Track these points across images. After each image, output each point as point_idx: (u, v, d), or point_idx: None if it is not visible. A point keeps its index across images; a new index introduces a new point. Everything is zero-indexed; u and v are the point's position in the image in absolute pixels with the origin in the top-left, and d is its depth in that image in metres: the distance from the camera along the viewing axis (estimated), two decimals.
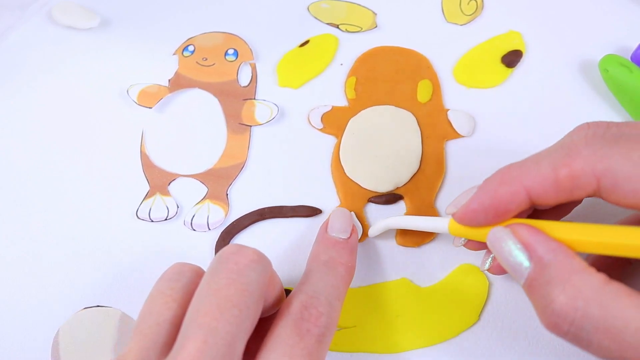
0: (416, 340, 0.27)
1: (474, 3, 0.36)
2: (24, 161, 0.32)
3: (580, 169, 0.20)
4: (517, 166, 0.21)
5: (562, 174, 0.20)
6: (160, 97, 0.33)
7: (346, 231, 0.27)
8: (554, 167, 0.20)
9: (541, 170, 0.20)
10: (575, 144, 0.20)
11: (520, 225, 0.21)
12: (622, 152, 0.19)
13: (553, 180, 0.20)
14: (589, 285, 0.19)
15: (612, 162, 0.19)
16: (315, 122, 0.32)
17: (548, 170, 0.20)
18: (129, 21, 0.37)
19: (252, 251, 0.21)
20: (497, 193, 0.21)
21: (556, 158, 0.20)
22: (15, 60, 0.36)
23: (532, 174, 0.21)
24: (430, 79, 0.33)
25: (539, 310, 0.20)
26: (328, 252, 0.25)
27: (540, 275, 0.20)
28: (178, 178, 0.31)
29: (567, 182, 0.20)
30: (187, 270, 0.22)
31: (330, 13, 0.36)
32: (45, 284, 0.29)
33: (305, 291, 0.22)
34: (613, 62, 0.31)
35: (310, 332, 0.21)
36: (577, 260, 0.20)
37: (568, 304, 0.19)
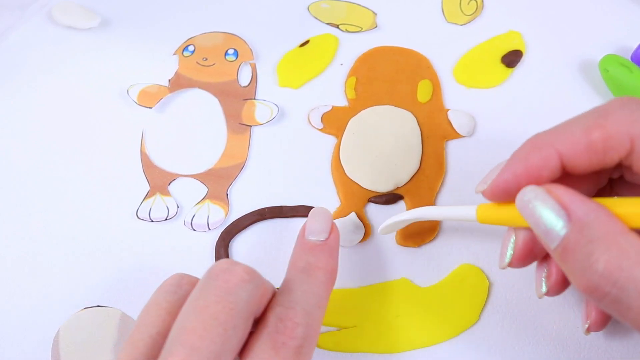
0: (416, 340, 0.27)
1: (474, 3, 0.36)
2: (24, 161, 0.32)
3: (615, 130, 0.19)
4: (548, 132, 0.21)
5: (595, 136, 0.19)
6: (160, 97, 0.33)
7: (324, 232, 0.25)
8: (587, 129, 0.20)
9: (574, 133, 0.20)
10: (610, 106, 0.20)
11: (556, 185, 0.20)
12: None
13: (586, 142, 0.20)
14: (635, 247, 0.18)
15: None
16: (315, 122, 0.32)
17: (581, 132, 0.20)
18: (129, 21, 0.37)
19: (243, 269, 0.21)
20: (529, 159, 0.20)
21: (589, 120, 0.20)
22: (15, 60, 0.36)
23: (565, 137, 0.20)
24: (431, 79, 0.33)
25: (577, 273, 0.19)
26: (305, 257, 0.24)
27: (580, 236, 0.18)
28: (178, 178, 0.31)
29: (601, 144, 0.19)
30: (185, 283, 0.22)
31: (330, 13, 0.36)
32: (45, 284, 0.29)
33: (281, 303, 0.22)
34: (613, 62, 0.31)
35: (286, 344, 0.20)
36: (619, 223, 0.19)
37: (613, 264, 0.17)
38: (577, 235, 0.19)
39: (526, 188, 0.20)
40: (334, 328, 0.27)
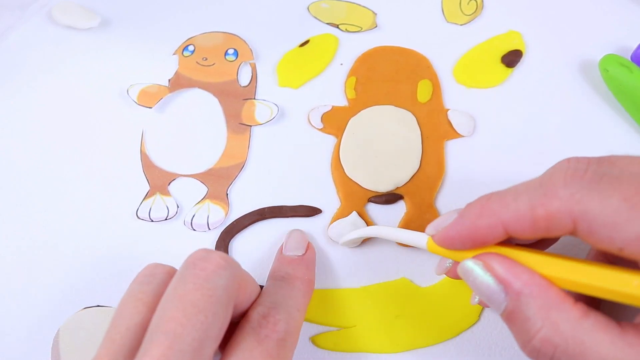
0: (416, 340, 0.27)
1: (473, 3, 0.36)
2: (24, 161, 0.32)
3: (557, 210, 0.19)
4: (496, 199, 0.21)
5: (538, 213, 0.20)
6: (160, 97, 0.33)
7: (300, 249, 0.27)
8: (532, 206, 0.20)
9: (519, 207, 0.20)
10: (553, 183, 0.20)
11: (494, 258, 0.21)
12: (601, 196, 0.19)
13: (530, 218, 0.20)
14: (567, 321, 0.19)
15: (588, 207, 0.19)
16: (315, 122, 0.32)
17: (525, 208, 0.20)
18: (129, 21, 0.37)
19: (219, 256, 0.21)
20: (475, 224, 0.21)
21: (534, 196, 0.20)
22: (15, 60, 0.36)
23: (510, 210, 0.20)
24: (430, 78, 0.33)
25: (520, 342, 0.20)
26: (284, 269, 0.26)
27: (517, 309, 0.20)
28: (178, 178, 0.31)
29: (544, 222, 0.20)
30: (160, 272, 0.22)
31: (330, 13, 0.36)
32: (45, 284, 0.29)
33: (262, 303, 0.23)
34: (613, 62, 0.31)
35: (269, 337, 0.21)
36: (554, 292, 0.20)
37: (546, 341, 0.19)
38: (516, 309, 0.20)
39: (466, 261, 0.22)
40: (334, 328, 0.27)
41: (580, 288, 0.20)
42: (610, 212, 0.18)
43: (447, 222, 0.22)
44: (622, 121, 0.32)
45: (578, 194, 0.19)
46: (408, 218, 0.29)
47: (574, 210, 0.19)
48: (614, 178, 0.19)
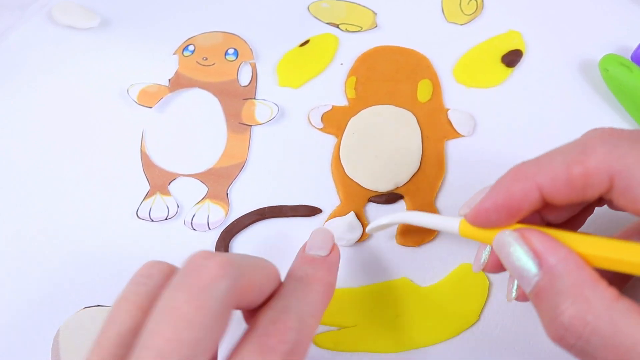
0: (416, 340, 0.27)
1: (474, 3, 0.36)
2: (24, 161, 0.32)
3: (595, 167, 0.19)
4: (530, 163, 0.21)
5: (575, 172, 0.19)
6: (160, 97, 0.33)
7: (324, 249, 0.25)
8: (568, 164, 0.20)
9: (555, 167, 0.20)
10: (591, 140, 0.20)
11: (530, 230, 0.20)
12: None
13: (566, 178, 0.20)
14: (600, 300, 0.18)
15: (627, 162, 0.18)
16: (315, 122, 0.32)
17: (562, 167, 0.20)
18: (129, 21, 0.37)
19: (217, 263, 0.19)
20: (510, 190, 0.21)
21: (570, 155, 0.20)
22: (15, 60, 0.36)
23: (546, 171, 0.20)
24: (430, 78, 0.33)
25: (546, 321, 0.19)
26: (304, 268, 0.24)
27: (549, 285, 0.19)
28: (178, 178, 0.31)
29: (580, 180, 0.19)
30: (156, 273, 0.21)
31: (330, 13, 0.36)
32: (46, 284, 0.29)
33: (274, 306, 0.21)
34: (613, 61, 0.31)
35: (275, 349, 0.19)
36: (588, 272, 0.19)
37: (578, 317, 0.18)
38: (547, 284, 0.19)
39: (503, 232, 0.21)
40: (334, 328, 0.27)
41: (616, 265, 0.19)
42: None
43: (480, 196, 0.22)
44: (622, 121, 0.32)
45: (617, 150, 0.19)
46: None
47: (612, 166, 0.19)
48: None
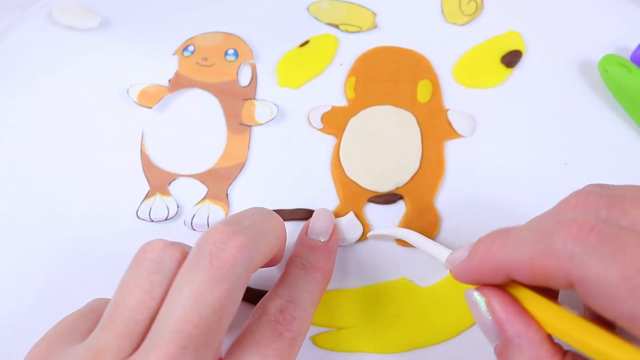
0: (416, 340, 0.27)
1: (473, 3, 0.36)
2: (24, 161, 0.32)
3: (554, 269, 0.19)
4: (499, 244, 0.21)
5: (536, 267, 0.19)
6: (160, 97, 0.33)
7: (326, 234, 0.27)
8: (530, 259, 0.19)
9: (519, 257, 0.20)
10: (554, 239, 0.19)
11: (497, 296, 0.21)
12: (600, 265, 0.18)
13: (529, 270, 0.20)
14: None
15: (586, 274, 0.18)
16: (315, 122, 0.32)
17: (525, 259, 0.20)
18: (129, 21, 0.37)
19: (236, 248, 0.20)
20: (480, 267, 0.21)
21: (534, 249, 0.19)
22: (15, 60, 0.36)
23: (511, 259, 0.20)
24: (430, 79, 0.33)
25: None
26: (306, 255, 0.26)
27: (507, 353, 0.20)
28: (178, 178, 0.31)
29: (542, 276, 0.19)
30: (168, 260, 0.21)
31: (330, 13, 0.36)
32: (45, 284, 0.29)
33: (282, 295, 0.23)
34: (613, 62, 0.31)
35: (283, 335, 0.22)
36: (546, 348, 0.20)
37: None
38: (505, 352, 0.20)
39: (472, 292, 0.22)
40: (334, 328, 0.27)
41: (578, 345, 0.19)
42: (606, 286, 0.18)
43: (460, 259, 0.23)
44: (622, 121, 0.32)
45: (577, 258, 0.18)
46: (408, 218, 0.29)
47: (571, 273, 0.18)
48: (619, 242, 0.18)
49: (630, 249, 0.17)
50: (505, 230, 0.21)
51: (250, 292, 0.28)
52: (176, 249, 0.21)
